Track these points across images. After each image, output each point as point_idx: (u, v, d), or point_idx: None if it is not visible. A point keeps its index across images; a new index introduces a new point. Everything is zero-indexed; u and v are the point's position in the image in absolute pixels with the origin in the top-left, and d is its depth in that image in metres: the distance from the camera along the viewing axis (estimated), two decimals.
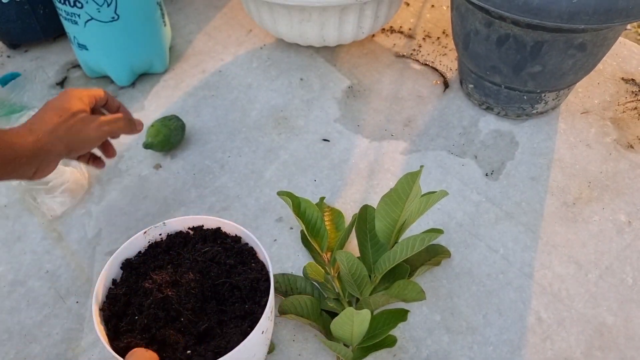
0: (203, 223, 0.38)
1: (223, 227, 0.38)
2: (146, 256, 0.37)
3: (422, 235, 0.37)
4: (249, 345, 0.31)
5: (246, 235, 0.37)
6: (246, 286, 0.35)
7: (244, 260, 0.36)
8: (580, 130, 0.57)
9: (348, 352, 0.37)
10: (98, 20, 0.55)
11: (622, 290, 0.44)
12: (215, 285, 0.35)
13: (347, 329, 0.35)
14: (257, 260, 0.37)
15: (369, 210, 0.44)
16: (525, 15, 0.44)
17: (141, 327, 0.33)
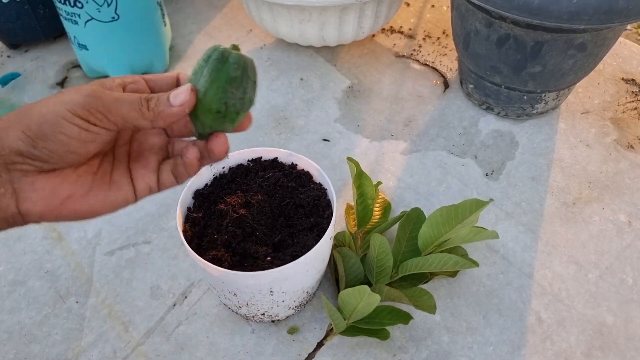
0: (261, 155, 0.43)
1: (280, 157, 0.43)
2: (213, 187, 0.41)
3: (457, 259, 0.39)
4: (321, 249, 0.36)
5: (303, 161, 0.41)
6: (309, 203, 0.39)
7: (302, 183, 0.41)
8: (581, 130, 0.57)
9: (342, 323, 0.38)
10: (98, 20, 0.55)
11: (622, 291, 0.44)
12: (281, 205, 0.40)
13: (353, 303, 0.37)
14: (314, 182, 0.41)
15: (419, 214, 0.45)
16: (525, 15, 0.44)
17: (222, 243, 0.37)
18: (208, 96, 0.24)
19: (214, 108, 0.24)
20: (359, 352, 0.40)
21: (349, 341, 0.41)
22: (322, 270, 0.41)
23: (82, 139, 0.22)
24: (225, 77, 0.24)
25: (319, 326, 0.42)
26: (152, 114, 0.23)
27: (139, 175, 0.26)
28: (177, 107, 0.24)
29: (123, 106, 0.23)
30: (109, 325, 0.42)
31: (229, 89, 0.24)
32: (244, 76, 0.24)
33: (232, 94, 0.24)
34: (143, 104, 0.23)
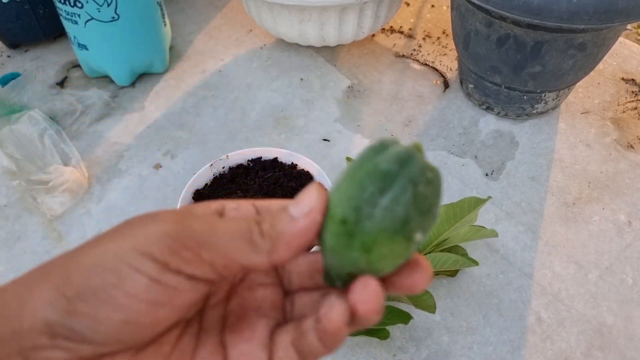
0: (261, 154, 0.42)
1: (280, 157, 0.42)
2: (213, 187, 0.41)
3: (457, 258, 0.38)
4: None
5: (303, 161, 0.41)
6: None
7: (302, 183, 0.40)
8: (581, 130, 0.57)
9: None
10: (98, 20, 0.55)
11: (622, 291, 0.44)
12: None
13: None
14: (314, 182, 0.40)
15: None
16: (525, 15, 0.44)
17: None
18: (334, 196, 0.15)
19: (338, 214, 0.15)
20: (359, 352, 0.40)
21: (349, 341, 0.41)
22: None
23: (152, 299, 0.14)
24: (368, 169, 0.15)
25: None
26: (269, 242, 0.15)
27: (239, 353, 0.16)
28: (303, 220, 0.15)
29: (223, 236, 0.15)
30: None
31: (368, 186, 0.14)
32: (403, 177, 0.14)
33: (372, 197, 0.14)
34: (254, 228, 0.15)
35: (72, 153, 0.53)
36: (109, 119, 0.59)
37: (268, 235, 0.15)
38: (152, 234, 0.14)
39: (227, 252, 0.15)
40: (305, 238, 0.15)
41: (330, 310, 0.15)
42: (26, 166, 0.51)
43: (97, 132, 0.58)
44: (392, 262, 0.15)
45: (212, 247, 0.14)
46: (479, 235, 0.41)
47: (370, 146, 0.15)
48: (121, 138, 0.57)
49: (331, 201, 0.15)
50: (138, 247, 0.14)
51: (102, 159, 0.55)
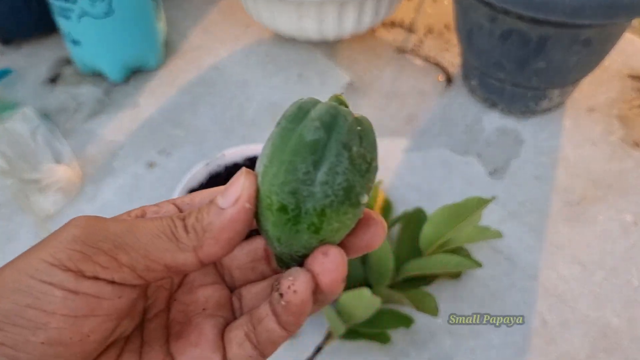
0: (258, 152, 0.41)
1: None
2: (208, 186, 0.39)
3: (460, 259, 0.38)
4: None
5: None
6: None
7: None
8: (586, 128, 0.56)
9: (341, 327, 0.37)
10: (92, 15, 0.54)
11: (627, 292, 0.43)
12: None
13: (353, 306, 0.35)
14: None
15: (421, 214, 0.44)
16: (529, 9, 0.43)
17: None
18: (265, 183, 0.14)
19: (275, 203, 0.14)
20: (359, 356, 0.39)
21: (349, 345, 0.40)
22: None
23: (72, 313, 0.12)
24: (294, 145, 0.13)
25: (317, 330, 0.41)
26: (195, 237, 0.14)
27: (188, 359, 0.15)
28: (232, 210, 0.14)
29: (142, 236, 0.13)
30: None
31: (299, 164, 0.13)
32: (334, 143, 0.13)
33: (306, 175, 0.13)
34: (177, 223, 0.14)
35: (66, 151, 0.52)
36: (102, 116, 0.58)
37: (193, 230, 0.14)
38: (62, 242, 0.13)
39: (147, 253, 0.13)
40: (236, 229, 0.14)
41: (294, 281, 0.14)
42: (19, 165, 0.50)
43: (91, 129, 0.57)
44: (345, 231, 0.14)
45: (130, 248, 0.13)
46: (483, 236, 0.40)
47: (288, 113, 0.14)
48: (115, 136, 0.56)
49: (263, 186, 0.14)
50: (47, 259, 0.13)
51: (95, 157, 0.54)
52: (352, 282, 0.40)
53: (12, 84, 0.62)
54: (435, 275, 0.43)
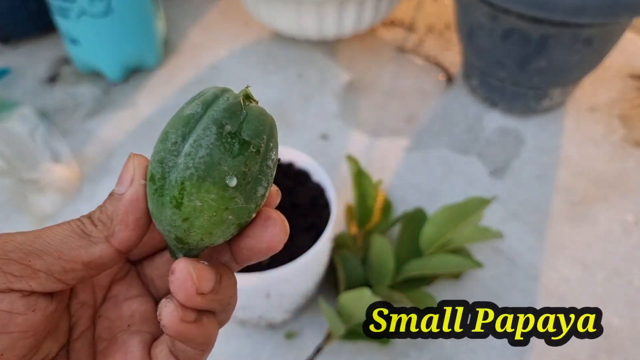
0: None
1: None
2: None
3: (461, 260, 0.38)
4: (319, 250, 0.34)
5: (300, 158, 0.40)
6: (307, 203, 0.38)
7: (300, 182, 0.39)
8: (587, 127, 0.56)
9: (341, 328, 0.37)
10: (90, 14, 0.54)
11: (628, 292, 0.43)
12: (277, 205, 0.37)
13: (353, 307, 0.35)
14: (312, 181, 0.40)
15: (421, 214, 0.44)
16: (530, 8, 0.43)
17: None
18: (151, 158, 0.14)
19: (148, 173, 0.14)
20: (359, 357, 0.39)
21: (349, 346, 0.40)
22: (321, 273, 0.39)
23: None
24: (173, 119, 0.14)
25: (317, 331, 0.40)
26: (104, 227, 0.14)
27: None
28: (130, 190, 0.14)
29: (52, 239, 0.13)
30: None
31: (171, 134, 0.14)
32: (205, 118, 0.13)
33: (174, 145, 0.13)
34: (84, 221, 0.14)
35: (64, 151, 0.52)
36: (101, 115, 0.58)
37: (100, 222, 0.14)
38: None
39: (61, 254, 0.13)
40: (140, 208, 0.14)
41: (160, 313, 0.13)
42: (17, 164, 0.50)
43: (89, 129, 0.57)
44: (216, 219, 0.13)
45: (42, 253, 0.13)
46: (484, 237, 0.40)
47: (191, 98, 0.14)
48: (113, 135, 0.56)
49: (150, 163, 0.14)
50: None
51: (93, 157, 0.54)
52: (352, 282, 0.40)
53: (10, 83, 0.62)
54: (436, 276, 0.42)
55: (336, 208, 0.37)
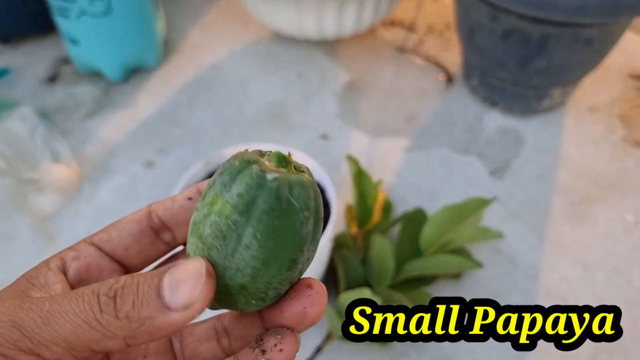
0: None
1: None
2: None
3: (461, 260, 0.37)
4: (319, 249, 0.33)
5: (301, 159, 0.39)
6: None
7: None
8: (587, 127, 0.56)
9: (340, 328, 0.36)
10: (90, 14, 0.54)
11: (629, 292, 0.43)
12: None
13: None
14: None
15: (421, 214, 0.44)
16: (530, 8, 0.43)
17: None
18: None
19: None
20: (359, 357, 0.39)
21: (349, 346, 0.40)
22: (321, 273, 0.39)
23: None
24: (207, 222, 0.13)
25: (317, 330, 0.40)
26: (127, 325, 0.12)
27: None
28: (180, 314, 0.12)
29: (62, 326, 0.12)
30: None
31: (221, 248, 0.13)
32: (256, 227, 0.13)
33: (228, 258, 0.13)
34: (104, 306, 0.12)
35: (64, 151, 0.52)
36: (100, 115, 0.58)
37: (126, 318, 0.12)
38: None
39: (71, 345, 0.12)
40: (179, 329, 0.12)
41: (282, 340, 0.13)
42: (17, 164, 0.50)
43: (89, 129, 0.56)
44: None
45: (51, 344, 0.12)
46: (484, 237, 0.40)
47: (248, 180, 0.13)
48: (113, 135, 0.56)
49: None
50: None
51: (93, 157, 0.54)
52: (352, 282, 0.40)
53: (10, 83, 0.62)
54: (436, 276, 0.42)
55: (336, 208, 0.37)
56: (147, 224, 0.16)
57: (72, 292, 0.12)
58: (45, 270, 0.15)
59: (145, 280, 0.12)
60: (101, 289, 0.12)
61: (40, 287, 0.14)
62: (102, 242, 0.16)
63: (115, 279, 0.13)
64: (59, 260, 0.15)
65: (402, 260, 0.41)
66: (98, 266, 0.15)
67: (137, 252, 0.16)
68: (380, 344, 0.38)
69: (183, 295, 0.12)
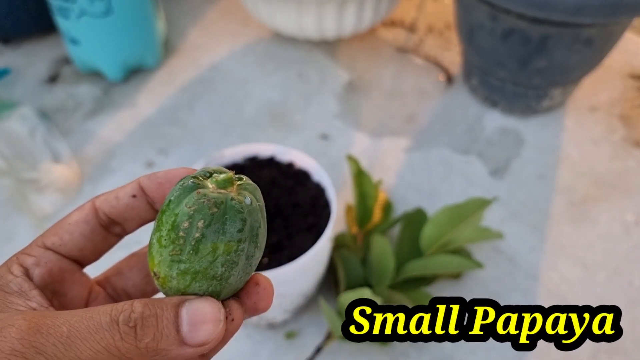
0: (257, 152, 0.41)
1: (276, 155, 0.40)
2: None
3: (461, 260, 0.37)
4: (319, 250, 0.34)
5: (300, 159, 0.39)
6: (307, 203, 0.38)
7: (300, 182, 0.39)
8: (587, 127, 0.56)
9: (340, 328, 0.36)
10: (91, 14, 0.54)
11: (629, 292, 0.43)
12: (278, 205, 0.38)
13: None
14: (312, 181, 0.40)
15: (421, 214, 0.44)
16: (530, 8, 0.43)
17: None
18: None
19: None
20: (359, 357, 0.39)
21: (349, 346, 0.40)
22: (321, 273, 0.39)
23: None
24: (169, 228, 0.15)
25: (317, 330, 0.40)
26: (145, 353, 0.13)
27: None
28: (195, 350, 0.14)
29: (84, 350, 0.13)
30: None
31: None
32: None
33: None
34: (125, 336, 0.13)
35: (64, 151, 0.52)
36: (100, 115, 0.58)
37: (145, 349, 0.13)
38: (3, 351, 0.12)
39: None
40: (190, 359, 0.14)
41: (232, 311, 0.16)
42: (17, 164, 0.50)
43: (89, 129, 0.56)
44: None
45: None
46: (484, 237, 0.40)
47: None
48: (113, 135, 0.56)
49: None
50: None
51: (94, 157, 0.54)
52: (352, 282, 0.40)
53: (10, 83, 0.62)
54: (436, 276, 0.42)
55: (336, 208, 0.37)
56: (96, 222, 0.17)
57: (87, 317, 0.13)
58: (11, 277, 0.15)
59: (163, 312, 0.13)
60: (120, 317, 0.13)
61: (18, 296, 0.15)
62: (57, 246, 0.16)
63: (129, 304, 0.13)
64: (19, 267, 0.16)
65: (402, 260, 0.41)
66: (60, 269, 0.16)
67: (92, 250, 0.17)
68: (380, 344, 0.38)
69: (202, 336, 0.14)
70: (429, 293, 0.39)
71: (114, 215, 0.17)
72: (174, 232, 0.14)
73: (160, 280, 0.15)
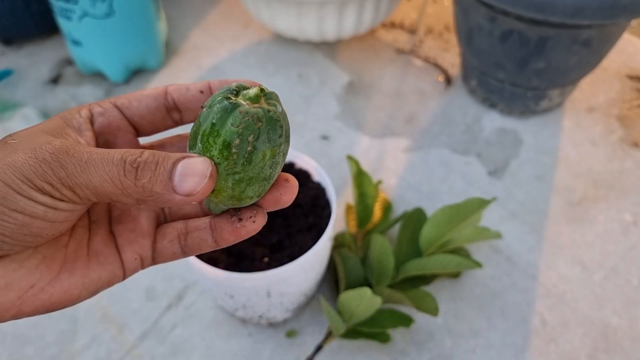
0: None
1: None
2: None
3: (460, 260, 0.38)
4: (319, 250, 0.35)
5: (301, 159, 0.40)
6: (307, 203, 0.38)
7: (301, 182, 0.39)
8: (586, 128, 0.56)
9: (341, 326, 0.37)
10: (93, 15, 0.54)
11: (627, 292, 0.43)
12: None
13: (353, 306, 0.35)
14: (312, 181, 0.40)
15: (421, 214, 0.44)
16: (529, 10, 0.43)
17: None
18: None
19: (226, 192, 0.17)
20: (359, 356, 0.39)
21: (349, 345, 0.40)
22: (321, 272, 0.40)
23: (50, 219, 0.16)
24: (221, 142, 0.16)
25: (318, 329, 0.41)
26: (141, 192, 0.16)
27: (124, 241, 0.19)
28: (182, 198, 0.16)
29: (94, 177, 0.15)
30: (103, 328, 0.41)
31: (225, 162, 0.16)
32: (246, 142, 0.16)
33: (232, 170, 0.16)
34: (127, 173, 0.15)
35: None
36: None
37: (142, 187, 0.16)
38: (30, 165, 0.15)
39: (97, 192, 0.16)
40: (177, 207, 0.17)
41: (257, 215, 0.18)
42: None
43: None
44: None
45: (84, 187, 0.16)
46: (483, 237, 0.40)
47: (218, 100, 0.17)
48: None
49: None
50: (21, 177, 0.15)
51: None
52: (352, 281, 0.40)
53: (13, 84, 0.62)
54: (435, 275, 0.43)
55: (336, 208, 0.38)
56: (163, 102, 0.19)
57: (105, 152, 0.16)
58: (77, 116, 0.18)
59: (163, 162, 0.16)
60: (128, 157, 0.16)
61: (74, 130, 0.18)
62: (124, 107, 0.19)
63: (140, 151, 0.16)
64: (87, 111, 0.19)
65: (402, 259, 0.41)
66: (118, 126, 0.19)
67: (150, 123, 0.20)
68: (380, 342, 0.39)
69: (188, 185, 0.16)
70: (428, 292, 0.39)
71: (179, 103, 0.20)
72: (226, 150, 0.16)
73: (215, 193, 0.17)
